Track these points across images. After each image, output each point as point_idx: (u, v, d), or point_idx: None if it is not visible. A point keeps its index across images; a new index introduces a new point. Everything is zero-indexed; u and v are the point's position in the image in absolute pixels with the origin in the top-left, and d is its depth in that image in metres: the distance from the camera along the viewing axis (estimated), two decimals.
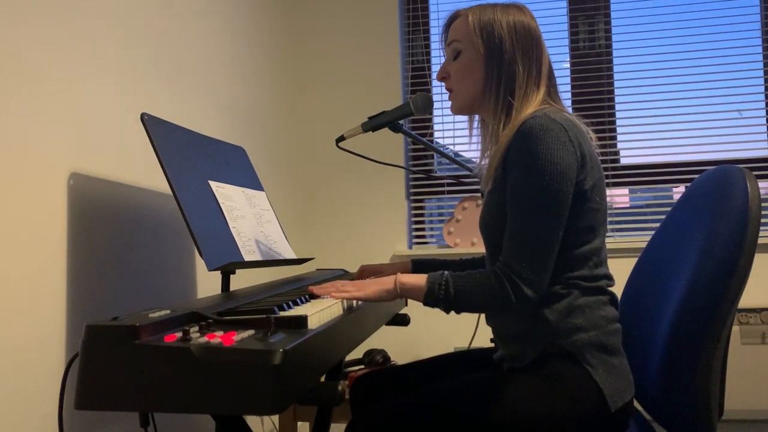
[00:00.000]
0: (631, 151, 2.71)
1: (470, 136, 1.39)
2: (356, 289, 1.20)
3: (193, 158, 1.48)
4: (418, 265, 1.57)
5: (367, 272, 1.57)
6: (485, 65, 1.26)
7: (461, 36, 1.29)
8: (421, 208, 2.88)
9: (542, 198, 1.12)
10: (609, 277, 1.24)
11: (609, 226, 2.69)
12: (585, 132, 1.22)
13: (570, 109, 1.30)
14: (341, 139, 1.70)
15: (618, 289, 1.55)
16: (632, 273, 1.52)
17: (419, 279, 1.19)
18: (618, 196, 2.82)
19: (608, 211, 2.69)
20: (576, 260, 1.19)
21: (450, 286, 1.15)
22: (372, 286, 1.20)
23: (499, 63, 1.25)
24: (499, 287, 1.12)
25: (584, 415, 1.13)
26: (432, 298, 1.17)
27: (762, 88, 2.62)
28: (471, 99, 1.30)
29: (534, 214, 1.13)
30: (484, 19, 1.27)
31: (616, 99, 2.72)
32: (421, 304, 1.19)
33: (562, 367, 1.15)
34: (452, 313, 1.18)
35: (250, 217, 1.61)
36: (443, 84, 1.37)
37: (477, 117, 1.37)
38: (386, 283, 1.20)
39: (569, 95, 2.75)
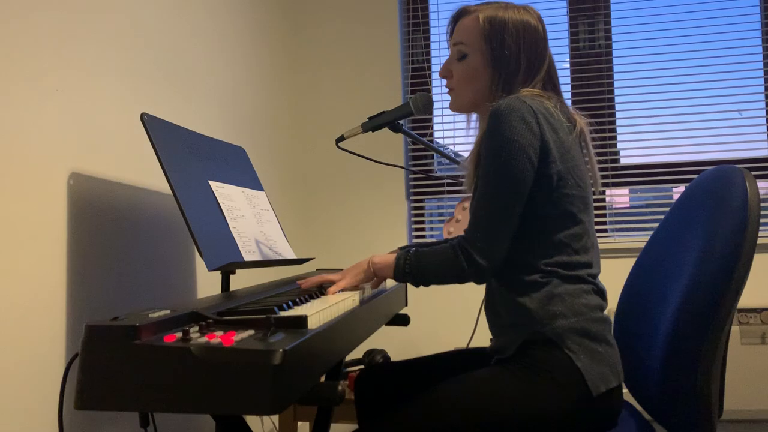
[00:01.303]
0: (631, 151, 2.71)
1: (468, 128, 1.43)
2: (339, 277, 1.33)
3: (193, 158, 1.48)
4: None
5: None
6: (491, 74, 1.29)
7: (469, 39, 1.30)
8: (421, 208, 2.88)
9: (498, 172, 1.17)
10: (591, 266, 1.24)
11: (609, 226, 2.70)
12: (563, 121, 1.23)
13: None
14: (341, 139, 1.70)
15: (617, 288, 1.56)
16: (631, 273, 1.52)
17: (389, 257, 1.28)
18: (618, 196, 2.82)
19: (608, 211, 2.71)
20: (554, 246, 1.20)
21: (413, 261, 1.23)
22: (351, 272, 1.33)
23: (506, 74, 1.27)
24: (453, 257, 1.19)
25: (568, 400, 1.13)
26: (399, 273, 1.25)
27: (762, 88, 2.62)
28: (472, 103, 1.34)
29: (490, 188, 1.18)
30: (495, 25, 1.28)
31: (616, 99, 2.72)
32: (394, 281, 1.29)
33: (545, 355, 1.16)
34: (422, 287, 1.28)
35: (250, 217, 1.61)
36: (444, 81, 1.38)
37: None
38: (361, 266, 1.32)
39: (569, 95, 2.75)
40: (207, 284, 1.98)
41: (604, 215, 2.72)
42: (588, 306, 1.20)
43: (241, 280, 2.21)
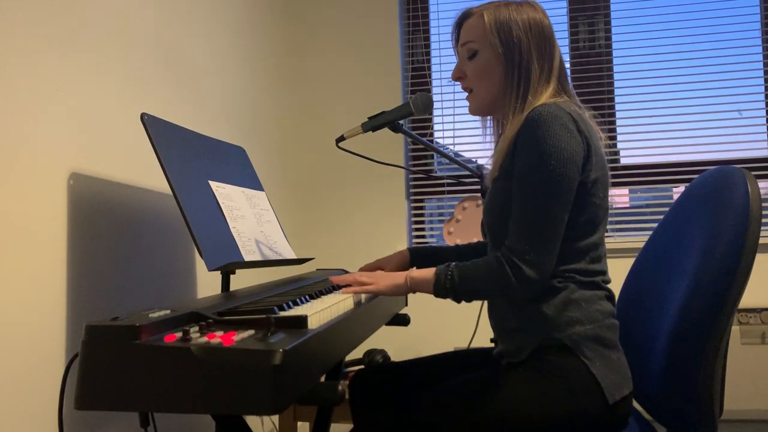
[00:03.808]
0: (631, 151, 2.71)
1: (484, 135, 1.41)
2: (372, 281, 1.27)
3: (193, 158, 1.48)
4: (416, 255, 1.58)
5: (366, 270, 1.58)
6: (504, 66, 1.27)
7: (477, 36, 1.30)
8: (421, 208, 2.88)
9: (548, 182, 1.13)
10: (605, 273, 1.25)
11: (609, 226, 2.69)
12: (593, 126, 1.23)
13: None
14: (341, 139, 1.70)
15: (616, 288, 1.56)
16: (630, 273, 1.52)
17: (428, 273, 1.23)
18: (618, 196, 2.82)
19: (608, 211, 2.71)
20: (574, 254, 1.20)
21: (455, 276, 1.19)
22: (385, 280, 1.27)
23: (519, 63, 1.26)
24: (499, 271, 1.15)
25: (583, 408, 1.13)
26: (440, 289, 1.21)
27: (762, 88, 2.62)
28: (491, 99, 1.31)
29: (539, 198, 1.14)
30: (500, 19, 1.27)
31: (616, 99, 2.72)
32: (433, 296, 1.23)
33: (560, 361, 1.16)
34: (463, 302, 1.22)
35: (250, 217, 1.61)
36: (458, 84, 1.37)
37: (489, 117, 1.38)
38: (398, 278, 1.26)
39: None
40: (207, 284, 1.97)
41: None
42: (602, 312, 1.20)
43: (241, 280, 2.20)
